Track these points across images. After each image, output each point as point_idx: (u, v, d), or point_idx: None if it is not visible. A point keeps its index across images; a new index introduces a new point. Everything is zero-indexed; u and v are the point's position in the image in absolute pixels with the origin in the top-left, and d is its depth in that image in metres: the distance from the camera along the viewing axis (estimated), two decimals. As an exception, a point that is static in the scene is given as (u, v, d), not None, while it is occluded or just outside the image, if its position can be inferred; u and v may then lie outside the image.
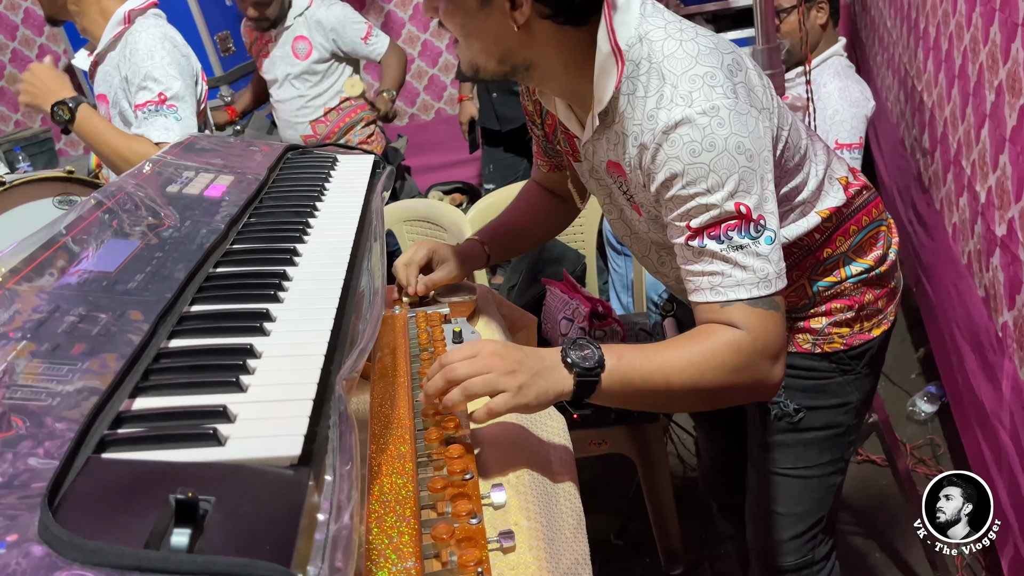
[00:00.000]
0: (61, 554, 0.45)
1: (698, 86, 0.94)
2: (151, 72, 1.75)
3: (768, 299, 0.96)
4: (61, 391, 0.60)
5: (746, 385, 0.98)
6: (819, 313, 1.25)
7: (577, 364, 0.92)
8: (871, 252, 1.25)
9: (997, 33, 1.65)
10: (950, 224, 2.19)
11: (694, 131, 0.93)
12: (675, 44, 0.97)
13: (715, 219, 0.94)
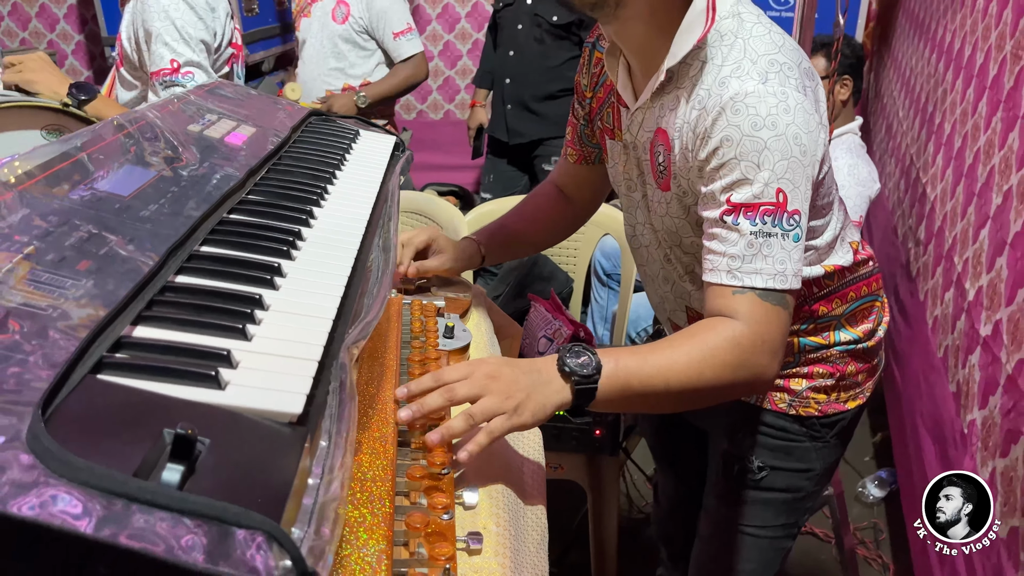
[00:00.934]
0: (48, 467, 0.43)
1: (775, 70, 0.96)
2: (163, 36, 1.70)
3: (779, 294, 0.96)
4: (62, 304, 0.58)
5: (744, 381, 0.98)
6: (801, 375, 1.25)
7: (575, 372, 0.91)
8: (862, 324, 1.26)
9: (1016, 140, 1.69)
10: (931, 316, 2.22)
11: (761, 106, 0.93)
12: (764, 30, 1.00)
13: (755, 198, 0.95)
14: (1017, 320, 1.55)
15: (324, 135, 1.21)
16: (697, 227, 1.07)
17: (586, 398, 0.92)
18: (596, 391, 0.92)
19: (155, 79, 1.70)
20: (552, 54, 3.07)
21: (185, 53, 1.69)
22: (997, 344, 1.63)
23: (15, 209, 0.67)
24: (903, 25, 3.39)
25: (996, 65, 1.92)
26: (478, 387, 0.87)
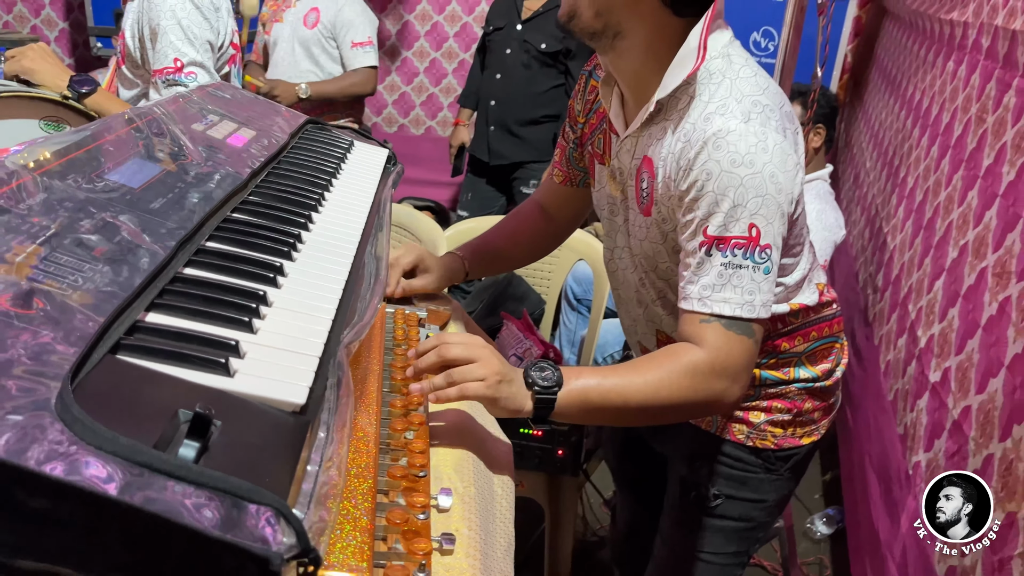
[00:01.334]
0: (76, 433, 0.46)
1: (758, 111, 1.01)
2: (168, 34, 1.70)
3: (745, 324, 1.02)
4: (82, 285, 0.61)
5: (701, 403, 1.04)
6: (760, 408, 1.31)
7: (536, 383, 0.98)
8: (821, 363, 1.32)
9: (975, 198, 1.78)
10: (884, 361, 2.30)
11: (741, 144, 0.99)
12: (751, 72, 1.05)
13: (728, 231, 1.00)
14: (965, 369, 1.63)
15: (321, 143, 1.25)
16: (674, 253, 1.13)
17: (545, 408, 0.99)
18: (554, 402, 0.98)
19: (157, 77, 1.71)
20: (538, 80, 3.15)
21: (189, 53, 1.70)
22: (945, 390, 1.71)
23: (34, 193, 0.70)
24: (875, 80, 3.52)
25: (961, 126, 2.01)
26: (470, 353, 0.96)
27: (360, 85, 3.14)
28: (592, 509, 2.40)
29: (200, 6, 1.75)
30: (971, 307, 1.67)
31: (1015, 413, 1.34)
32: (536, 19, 3.11)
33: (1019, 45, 1.65)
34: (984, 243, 1.66)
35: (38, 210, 0.67)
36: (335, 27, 3.07)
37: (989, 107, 1.80)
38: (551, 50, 3.09)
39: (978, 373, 1.56)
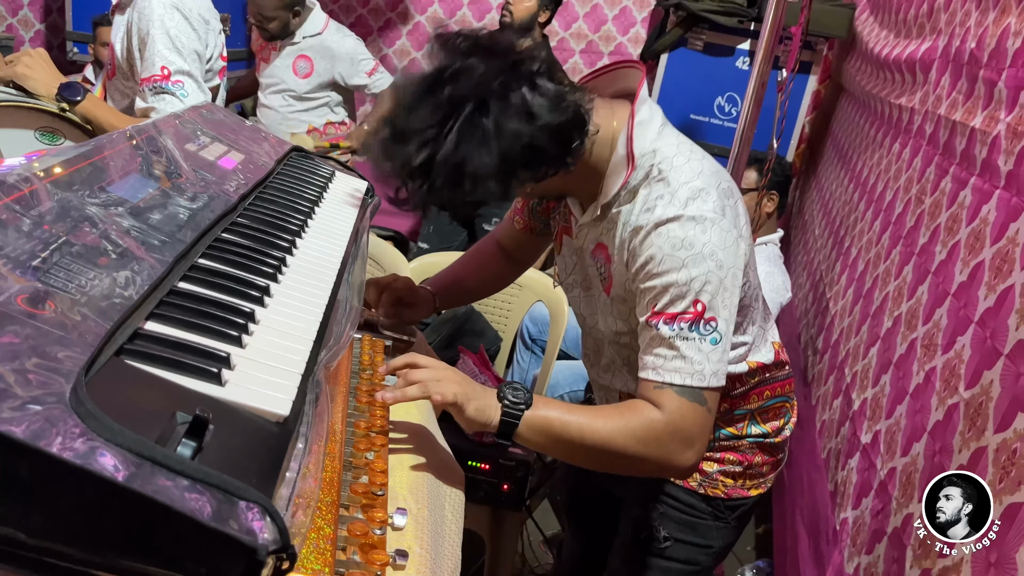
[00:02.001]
0: (88, 425, 0.51)
1: (694, 196, 1.10)
2: (156, 43, 1.72)
3: (696, 391, 1.08)
4: (88, 291, 0.66)
5: (654, 460, 1.09)
6: (714, 459, 1.38)
7: (507, 398, 1.06)
8: (772, 421, 1.41)
9: (910, 273, 1.90)
10: (820, 420, 2.41)
11: (680, 229, 1.08)
12: (683, 159, 1.14)
13: (674, 308, 1.08)
14: (893, 432, 1.73)
15: (305, 172, 1.31)
16: (635, 328, 1.20)
17: (510, 424, 1.06)
18: (519, 419, 1.06)
19: (145, 85, 1.72)
20: None
21: (176, 62, 1.72)
22: (875, 452, 1.81)
23: (44, 200, 0.75)
24: (829, 152, 3.70)
25: (902, 205, 2.15)
26: (440, 368, 1.06)
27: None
28: (531, 547, 2.44)
29: (189, 17, 1.77)
30: (901, 375, 1.77)
31: (935, 476, 1.44)
32: None
33: (957, 135, 1.79)
34: (915, 316, 1.78)
35: (49, 217, 0.72)
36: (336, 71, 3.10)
37: (928, 190, 1.94)
38: None
39: (904, 437, 1.66)
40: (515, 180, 1.02)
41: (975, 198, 1.60)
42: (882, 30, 3.11)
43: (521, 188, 1.08)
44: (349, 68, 3.09)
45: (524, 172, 1.03)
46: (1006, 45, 1.60)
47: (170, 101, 1.71)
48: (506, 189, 1.02)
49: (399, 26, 4.72)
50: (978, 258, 1.50)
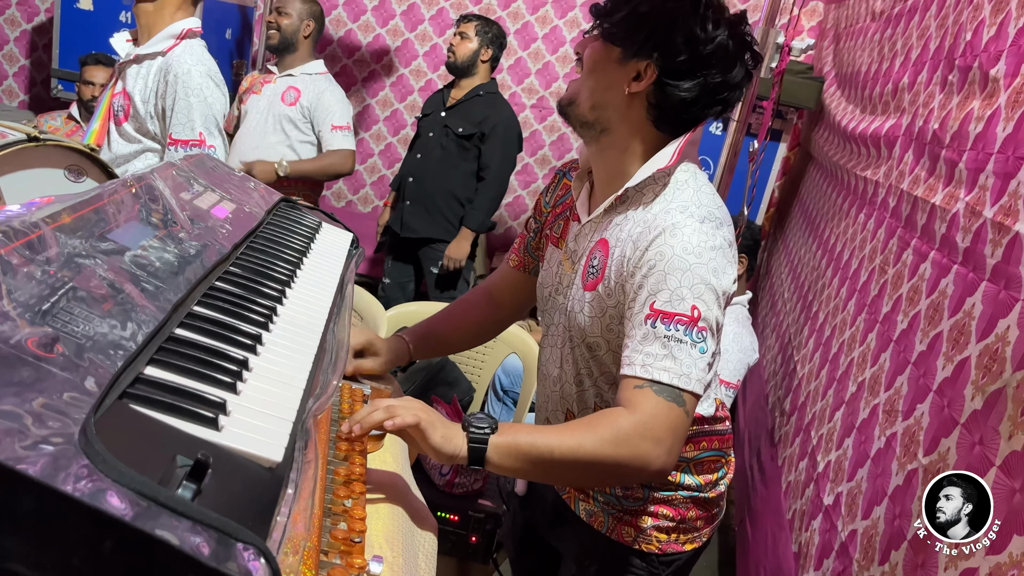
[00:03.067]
0: (96, 466, 0.54)
1: (712, 219, 1.17)
2: (194, 110, 1.83)
3: (677, 392, 1.11)
4: (93, 335, 0.69)
5: (625, 462, 1.09)
6: (647, 512, 1.40)
7: (472, 425, 1.09)
8: (706, 474, 1.42)
9: (873, 340, 1.97)
10: (785, 481, 2.45)
11: (694, 237, 1.14)
12: (711, 191, 1.23)
13: (672, 308, 1.12)
14: (855, 495, 1.77)
15: (293, 222, 1.35)
16: (606, 330, 1.25)
17: (479, 452, 1.08)
18: (486, 446, 1.08)
19: (180, 146, 1.83)
20: (452, 159, 3.48)
21: (211, 129, 1.84)
22: (836, 513, 1.85)
23: (51, 245, 0.78)
24: (797, 218, 3.81)
25: (867, 273, 2.23)
26: (407, 402, 1.09)
27: (339, 165, 3.28)
28: (496, 600, 2.43)
29: (219, 84, 1.91)
30: (863, 439, 1.83)
31: (894, 540, 1.48)
32: (458, 106, 3.47)
33: (919, 210, 1.87)
34: (878, 382, 1.84)
35: (56, 263, 0.75)
36: (314, 109, 3.21)
37: (891, 260, 2.02)
38: (466, 133, 3.43)
39: (865, 500, 1.70)
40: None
41: (934, 271, 1.67)
42: (849, 104, 3.24)
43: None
44: (323, 112, 3.20)
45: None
46: (968, 128, 1.69)
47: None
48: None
49: (383, 77, 4.82)
50: (937, 329, 1.57)
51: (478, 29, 3.40)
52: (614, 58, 1.20)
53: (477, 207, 3.46)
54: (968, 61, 1.84)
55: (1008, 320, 1.28)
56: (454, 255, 3.47)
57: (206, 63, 1.91)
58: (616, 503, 1.40)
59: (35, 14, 4.78)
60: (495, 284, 1.61)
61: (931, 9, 2.35)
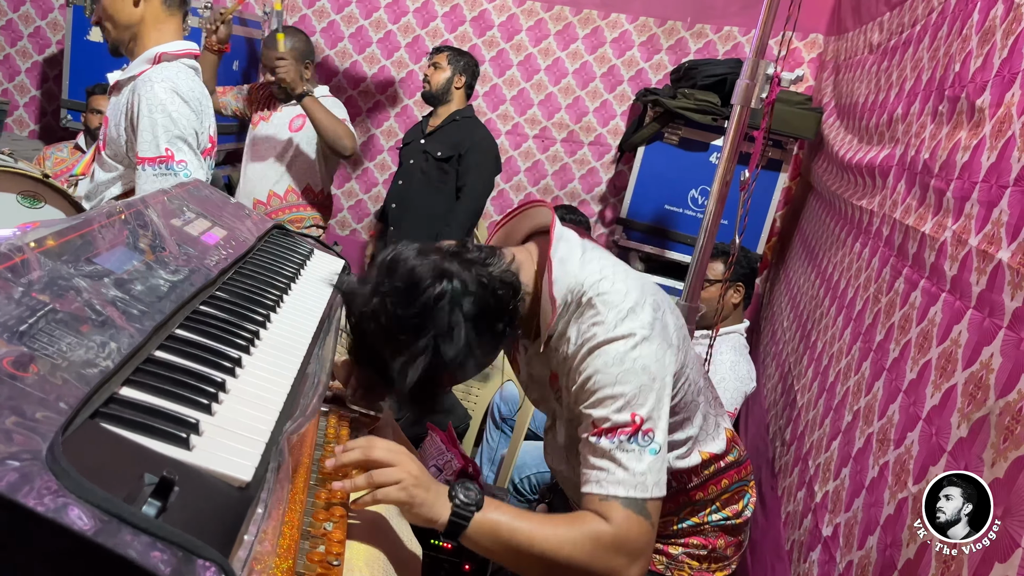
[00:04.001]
0: (62, 482, 0.55)
1: (623, 316, 1.17)
2: (158, 126, 1.79)
3: (640, 503, 1.11)
4: (69, 356, 0.70)
5: (597, 571, 1.10)
6: (678, 543, 1.42)
7: (458, 497, 1.07)
8: (732, 505, 1.46)
9: (868, 369, 1.97)
10: (784, 511, 2.43)
11: (611, 349, 1.15)
12: (608, 284, 1.21)
13: (612, 422, 1.13)
14: (852, 526, 1.76)
15: (284, 249, 1.37)
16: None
17: (459, 525, 1.07)
18: (469, 520, 1.07)
19: (147, 164, 1.79)
20: (432, 181, 3.58)
21: (178, 144, 1.80)
22: (835, 544, 1.84)
23: (35, 268, 0.80)
24: (797, 248, 3.82)
25: (862, 302, 2.23)
26: (391, 457, 1.06)
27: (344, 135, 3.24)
28: (492, 630, 2.41)
29: (188, 100, 1.85)
30: (859, 468, 1.82)
31: (885, 570, 1.47)
32: (436, 132, 3.60)
33: (910, 239, 1.88)
34: (872, 410, 1.83)
35: (37, 286, 0.77)
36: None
37: (884, 289, 2.02)
38: (445, 156, 3.56)
39: (860, 530, 1.69)
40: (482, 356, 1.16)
41: (924, 300, 1.68)
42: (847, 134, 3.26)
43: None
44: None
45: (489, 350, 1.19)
46: (955, 158, 1.70)
47: (173, 180, 1.77)
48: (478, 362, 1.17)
49: (388, 108, 4.88)
50: (926, 357, 1.57)
51: (450, 58, 3.56)
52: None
53: (453, 223, 3.54)
54: (956, 91, 1.86)
55: (992, 348, 1.28)
56: None
57: (174, 80, 1.86)
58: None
59: (46, 46, 4.88)
60: None
61: (924, 41, 2.38)
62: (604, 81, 4.62)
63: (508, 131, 4.78)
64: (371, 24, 4.82)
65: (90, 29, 4.21)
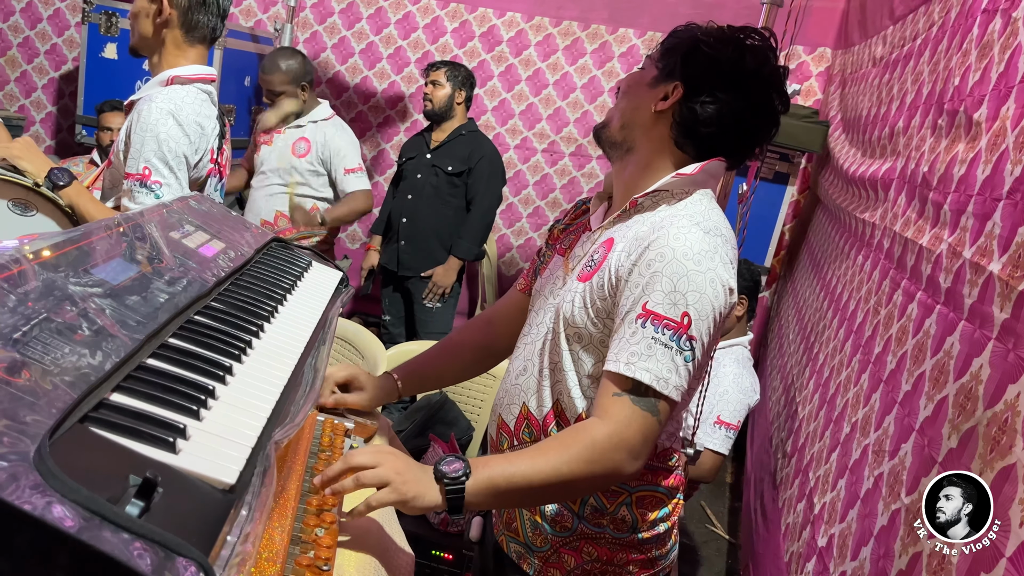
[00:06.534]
0: (47, 481, 0.58)
1: (718, 235, 1.20)
2: (146, 146, 1.82)
3: (651, 401, 1.12)
4: (61, 363, 0.73)
5: (600, 475, 1.12)
6: (572, 549, 1.34)
7: (445, 475, 1.09)
8: (644, 509, 1.35)
9: (866, 380, 1.97)
10: (784, 523, 2.44)
11: (696, 245, 1.16)
12: (720, 215, 1.26)
13: (663, 311, 1.13)
14: (846, 537, 1.77)
15: (281, 261, 1.39)
16: (590, 323, 1.25)
17: (457, 499, 1.09)
18: (463, 492, 1.09)
19: (130, 180, 1.83)
20: (443, 196, 3.64)
21: (158, 165, 1.82)
22: (829, 555, 1.84)
23: (30, 280, 0.83)
24: (804, 260, 3.83)
25: (862, 314, 2.24)
26: (375, 459, 1.08)
27: (363, 206, 3.41)
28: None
29: (182, 123, 1.87)
30: (855, 479, 1.82)
31: (880, 581, 1.47)
32: (442, 147, 3.66)
33: (908, 252, 1.89)
34: (869, 422, 1.84)
35: (33, 296, 0.80)
36: (326, 156, 3.32)
37: (883, 301, 2.03)
38: (456, 171, 3.62)
39: (854, 541, 1.70)
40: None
41: (920, 312, 1.69)
42: (852, 147, 3.28)
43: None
44: (334, 157, 3.30)
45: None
46: (952, 171, 1.71)
47: (147, 198, 1.81)
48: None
49: (398, 123, 4.93)
50: (920, 368, 1.58)
51: (448, 75, 3.60)
52: (647, 81, 1.30)
53: (464, 236, 3.62)
54: (955, 105, 1.88)
55: (981, 359, 1.29)
56: (439, 281, 3.62)
57: (176, 103, 1.87)
58: (544, 531, 1.36)
59: (62, 63, 4.96)
60: (495, 311, 1.63)
61: (925, 55, 2.39)
62: (612, 96, 4.65)
63: (517, 145, 4.81)
64: (381, 40, 4.88)
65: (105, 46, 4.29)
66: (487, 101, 4.80)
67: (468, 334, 1.64)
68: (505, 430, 1.41)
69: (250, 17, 4.89)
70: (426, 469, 1.11)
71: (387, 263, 3.80)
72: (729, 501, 3.88)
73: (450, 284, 3.63)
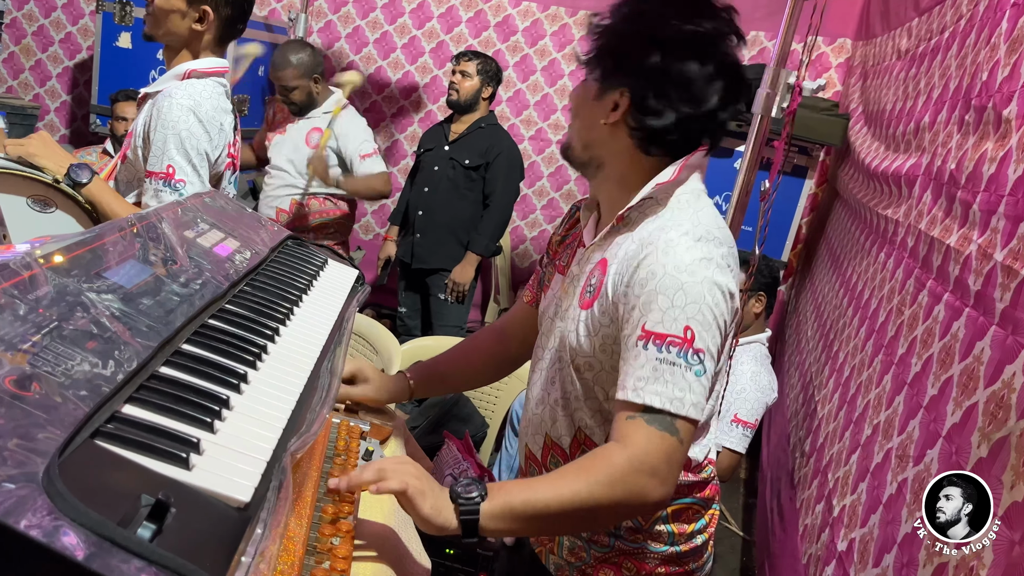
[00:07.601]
0: (56, 505, 0.55)
1: (710, 239, 1.14)
2: (168, 143, 1.80)
3: (669, 420, 1.07)
4: (72, 374, 0.71)
5: (624, 500, 1.06)
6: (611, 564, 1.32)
7: (460, 496, 1.05)
8: (682, 523, 1.33)
9: (889, 382, 1.93)
10: (802, 524, 2.40)
11: (687, 255, 1.11)
12: (713, 212, 1.21)
13: (664, 329, 1.08)
14: (867, 542, 1.74)
15: (297, 260, 1.37)
16: (599, 350, 1.22)
17: (471, 522, 1.05)
18: (478, 515, 1.04)
19: (150, 178, 1.82)
20: (460, 190, 3.62)
21: (182, 163, 1.80)
22: (849, 561, 1.81)
23: (41, 286, 0.81)
24: (823, 255, 3.78)
25: (885, 313, 2.20)
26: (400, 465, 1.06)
27: (381, 187, 3.40)
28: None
29: (203, 120, 1.85)
30: (876, 484, 1.79)
31: (903, 589, 1.44)
32: (460, 140, 3.63)
33: (934, 251, 1.85)
34: (892, 425, 1.80)
35: (44, 302, 0.77)
36: (340, 145, 3.29)
37: (907, 301, 1.99)
38: (474, 164, 3.59)
39: (876, 547, 1.67)
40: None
41: (947, 314, 1.65)
42: (874, 141, 3.22)
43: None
44: (348, 144, 3.28)
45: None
46: (982, 170, 1.67)
47: (171, 197, 1.78)
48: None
49: (412, 113, 4.90)
50: (948, 373, 1.54)
51: (479, 67, 3.55)
52: (591, 96, 1.23)
53: (482, 232, 3.60)
54: (983, 101, 1.83)
55: (1014, 366, 1.25)
56: (458, 279, 3.60)
57: (196, 98, 1.86)
58: (584, 547, 1.34)
59: (77, 51, 4.95)
60: (507, 321, 1.61)
61: (952, 48, 2.34)
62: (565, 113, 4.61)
63: (532, 136, 4.77)
64: (396, 29, 4.84)
65: (119, 35, 4.27)
66: (502, 91, 4.76)
67: (482, 341, 1.62)
68: (534, 461, 1.40)
69: (264, 6, 4.86)
70: (442, 488, 1.08)
71: (403, 255, 3.79)
72: (743, 497, 3.85)
73: (468, 281, 3.61)
